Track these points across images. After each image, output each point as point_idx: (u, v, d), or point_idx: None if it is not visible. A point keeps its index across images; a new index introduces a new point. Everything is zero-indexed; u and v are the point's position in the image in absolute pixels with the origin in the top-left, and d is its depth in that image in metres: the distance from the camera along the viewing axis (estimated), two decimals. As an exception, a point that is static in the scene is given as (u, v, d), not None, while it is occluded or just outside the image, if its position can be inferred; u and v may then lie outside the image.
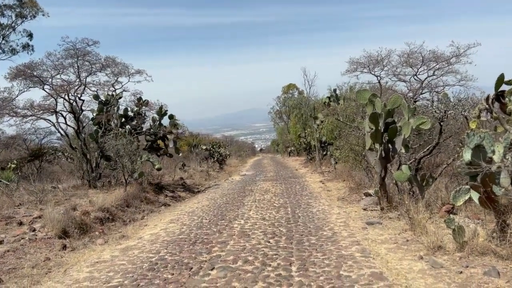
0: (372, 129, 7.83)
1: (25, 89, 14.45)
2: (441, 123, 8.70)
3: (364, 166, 12.24)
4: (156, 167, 15.60)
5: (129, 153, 13.79)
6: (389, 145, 7.88)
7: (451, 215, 8.05)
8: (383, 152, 7.95)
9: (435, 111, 8.46)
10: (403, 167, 7.76)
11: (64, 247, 7.17)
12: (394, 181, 9.71)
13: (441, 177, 9.98)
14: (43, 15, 19.55)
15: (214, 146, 30.79)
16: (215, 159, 30.63)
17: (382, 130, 7.78)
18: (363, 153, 12.67)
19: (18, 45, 20.05)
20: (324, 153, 22.99)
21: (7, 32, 19.38)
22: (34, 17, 19.53)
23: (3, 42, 19.47)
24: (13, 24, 19.35)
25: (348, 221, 7.86)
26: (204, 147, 29.82)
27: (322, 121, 21.96)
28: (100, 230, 8.94)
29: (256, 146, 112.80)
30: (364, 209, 9.12)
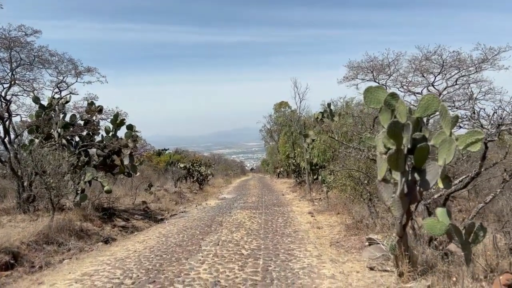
0: (389, 148, 4.93)
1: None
2: (487, 144, 5.85)
3: (367, 199, 9.30)
4: (105, 188, 12.51)
5: (66, 171, 10.78)
6: (416, 175, 4.96)
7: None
8: (405, 187, 5.00)
9: (482, 126, 5.63)
10: (439, 211, 4.83)
11: None
12: (412, 226, 6.81)
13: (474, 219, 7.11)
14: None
15: (194, 165, 27.73)
16: (195, 178, 27.57)
17: (406, 151, 4.88)
18: (365, 181, 9.75)
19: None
20: (315, 177, 20.02)
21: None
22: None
23: None
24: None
25: (349, 296, 4.87)
26: (181, 165, 26.74)
27: (313, 140, 19.06)
28: (-29, 289, 5.91)
29: (248, 165, 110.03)
30: (371, 268, 6.14)
